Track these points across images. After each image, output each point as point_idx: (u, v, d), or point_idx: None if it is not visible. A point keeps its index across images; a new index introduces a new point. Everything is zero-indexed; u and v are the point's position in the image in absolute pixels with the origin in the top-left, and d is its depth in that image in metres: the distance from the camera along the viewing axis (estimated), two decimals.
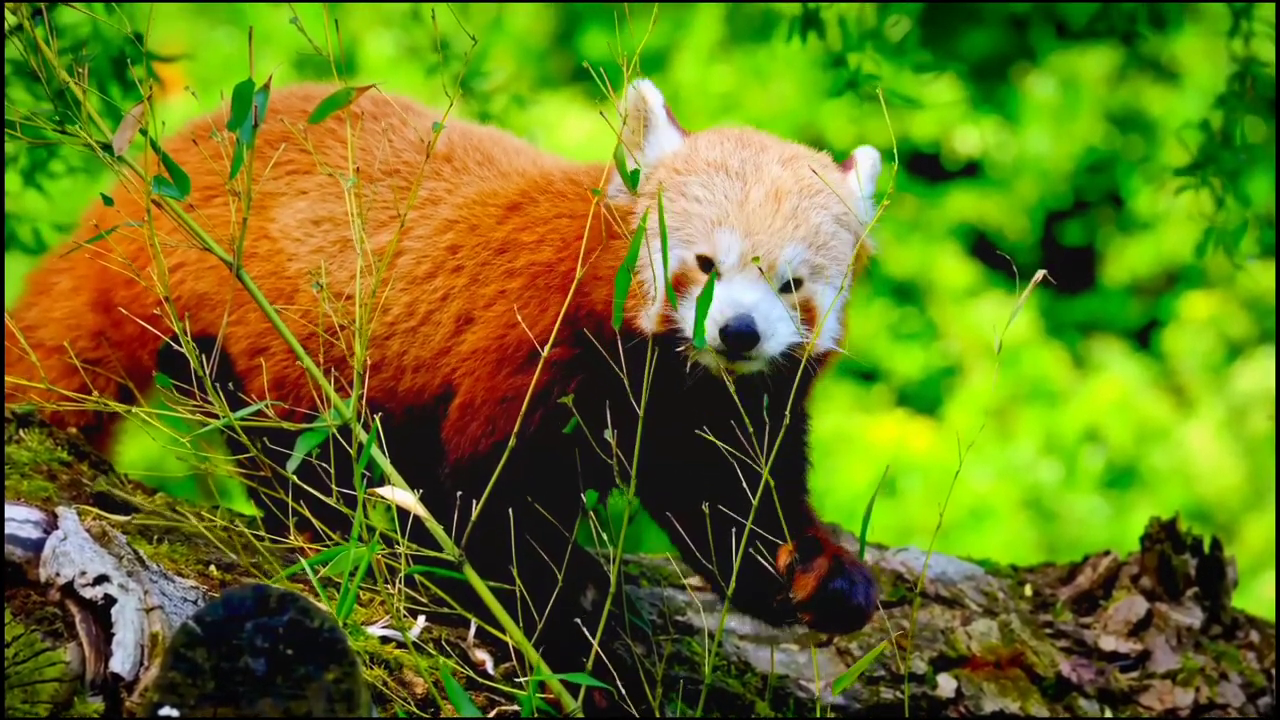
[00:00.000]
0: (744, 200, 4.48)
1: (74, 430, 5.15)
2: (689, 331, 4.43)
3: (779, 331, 4.46)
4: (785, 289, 4.49)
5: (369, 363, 4.70)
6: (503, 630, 4.42)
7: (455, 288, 4.78)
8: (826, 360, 4.62)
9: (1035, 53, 12.43)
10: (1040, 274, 4.33)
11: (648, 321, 4.48)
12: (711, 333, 4.41)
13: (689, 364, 4.47)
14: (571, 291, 4.53)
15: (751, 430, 4.42)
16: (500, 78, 7.05)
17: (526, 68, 11.76)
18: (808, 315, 4.52)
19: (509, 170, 4.92)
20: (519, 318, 4.61)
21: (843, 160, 4.72)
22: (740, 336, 4.40)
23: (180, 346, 4.36)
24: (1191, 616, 5.53)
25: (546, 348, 4.51)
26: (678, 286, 4.47)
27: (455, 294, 4.77)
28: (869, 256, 4.70)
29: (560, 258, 4.66)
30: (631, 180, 4.54)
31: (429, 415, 4.75)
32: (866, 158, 4.69)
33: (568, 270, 4.60)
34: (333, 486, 4.37)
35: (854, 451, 11.24)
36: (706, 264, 4.47)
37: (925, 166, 12.26)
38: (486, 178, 4.91)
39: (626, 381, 4.44)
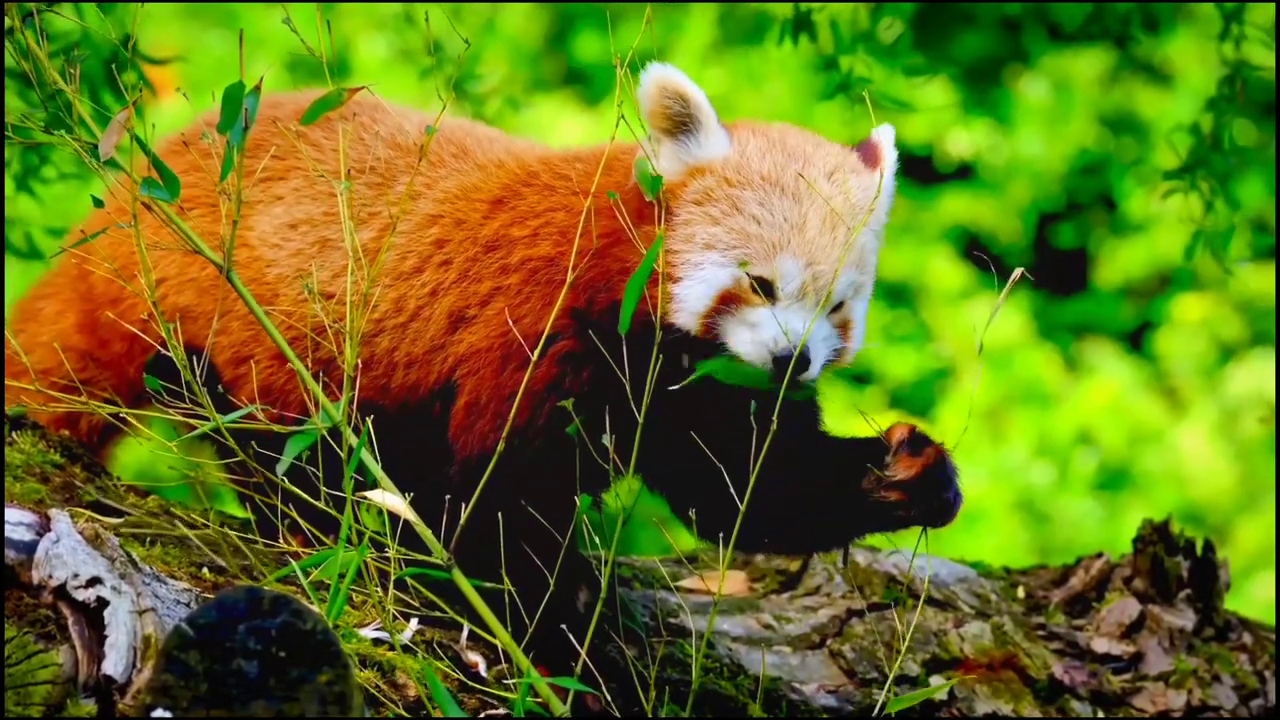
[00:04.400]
0: (803, 225, 4.52)
1: (66, 433, 5.15)
2: (734, 346, 4.49)
3: (822, 354, 4.54)
4: (832, 310, 4.56)
5: (352, 363, 4.71)
6: (493, 633, 4.42)
7: (444, 282, 4.78)
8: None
9: (1028, 55, 12.43)
10: (1018, 271, 4.35)
11: (688, 323, 4.51)
12: (764, 357, 4.47)
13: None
14: (568, 284, 4.54)
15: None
16: (494, 80, 7.04)
17: (519, 70, 11.76)
18: (844, 330, 4.63)
19: (485, 162, 4.92)
20: (522, 314, 4.62)
21: (862, 144, 4.75)
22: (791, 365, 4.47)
23: (168, 352, 4.36)
24: (1184, 619, 5.54)
25: (540, 347, 4.53)
26: (726, 301, 4.50)
27: (445, 289, 4.77)
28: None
29: (560, 252, 4.66)
30: (653, 186, 4.54)
31: (424, 411, 4.75)
32: (889, 147, 4.73)
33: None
34: (322, 490, 4.37)
35: None
36: (763, 285, 4.51)
37: (917, 169, 12.26)
38: (464, 170, 4.91)
39: (628, 378, 4.45)
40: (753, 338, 4.48)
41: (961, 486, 4.61)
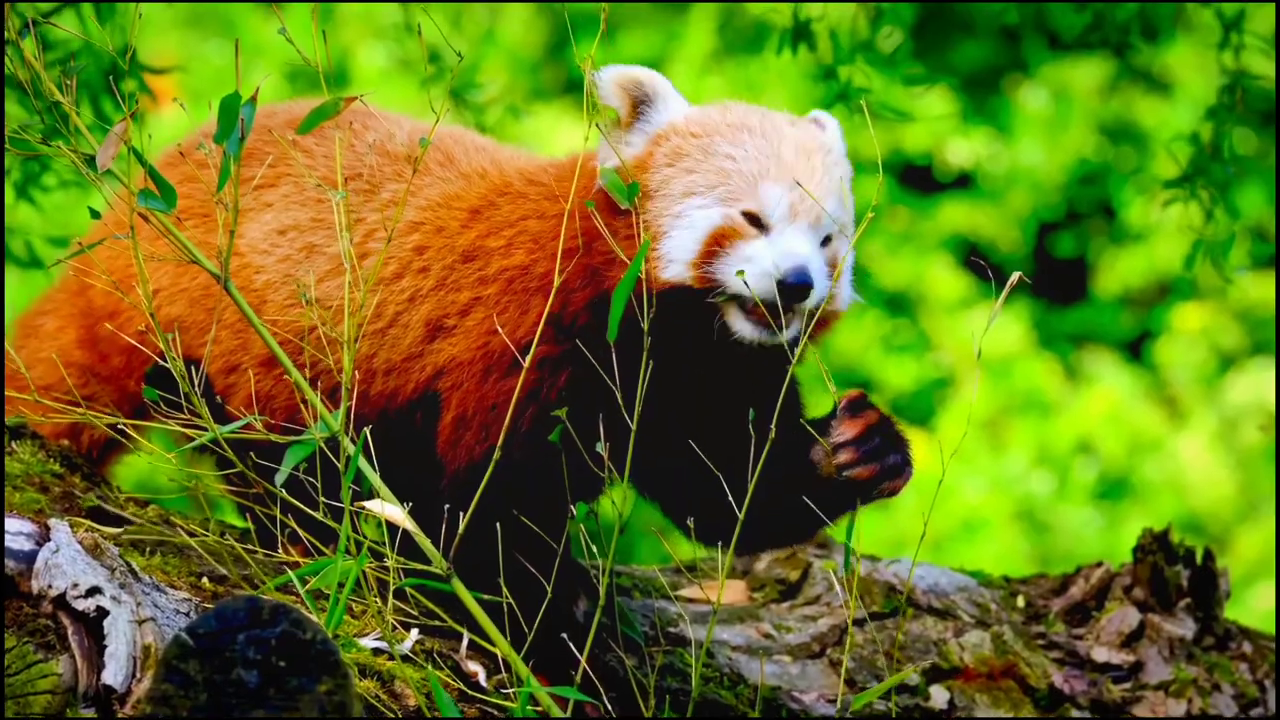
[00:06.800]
0: (778, 154, 4.57)
1: (66, 443, 5.15)
2: (731, 285, 4.47)
3: (819, 285, 4.51)
4: (823, 243, 4.56)
5: (339, 368, 4.71)
6: (493, 643, 4.42)
7: (422, 289, 4.78)
8: (832, 321, 4.68)
9: (1027, 64, 12.45)
10: (1015, 276, 4.36)
11: (680, 274, 4.51)
12: (767, 285, 4.46)
13: (717, 320, 4.51)
14: (555, 289, 4.54)
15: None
16: (494, 89, 7.05)
17: (519, 79, 11.77)
18: (832, 270, 4.59)
19: (469, 171, 4.93)
20: (501, 323, 4.63)
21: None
22: (796, 289, 4.46)
23: (166, 364, 4.37)
24: (1184, 627, 5.54)
25: (530, 355, 4.53)
26: (717, 243, 4.50)
27: (423, 296, 4.77)
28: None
29: (534, 259, 4.67)
30: (628, 194, 4.54)
31: (405, 420, 4.75)
32: (832, 120, 4.82)
33: (545, 272, 4.61)
34: (320, 500, 4.37)
35: None
36: (752, 219, 4.52)
37: (917, 178, 12.27)
38: (448, 178, 4.92)
39: (624, 385, 4.45)
40: (751, 269, 4.47)
41: (911, 456, 4.60)
